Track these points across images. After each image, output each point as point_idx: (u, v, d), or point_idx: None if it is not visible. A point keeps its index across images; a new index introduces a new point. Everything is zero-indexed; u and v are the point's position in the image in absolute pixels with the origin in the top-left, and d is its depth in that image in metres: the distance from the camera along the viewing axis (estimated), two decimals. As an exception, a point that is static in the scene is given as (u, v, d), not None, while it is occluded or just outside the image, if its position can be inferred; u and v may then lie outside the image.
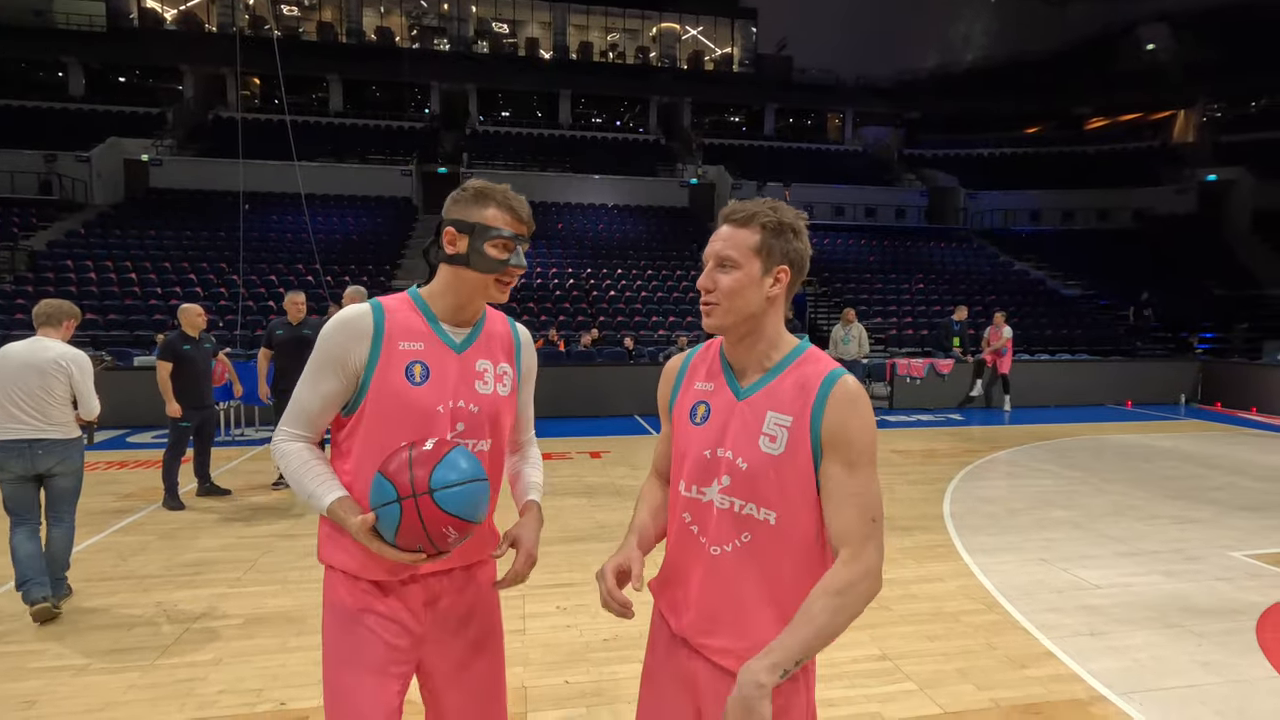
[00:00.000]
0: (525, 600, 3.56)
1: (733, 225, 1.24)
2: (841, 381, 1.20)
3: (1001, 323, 10.56)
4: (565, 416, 9.67)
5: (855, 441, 1.17)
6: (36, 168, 19.04)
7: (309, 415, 1.41)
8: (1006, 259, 21.00)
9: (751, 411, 1.23)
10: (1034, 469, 6.72)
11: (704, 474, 1.26)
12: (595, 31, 29.71)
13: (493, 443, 1.47)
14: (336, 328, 1.38)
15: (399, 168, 22.09)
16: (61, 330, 3.40)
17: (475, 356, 1.46)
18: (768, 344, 1.26)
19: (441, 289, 1.46)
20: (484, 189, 1.44)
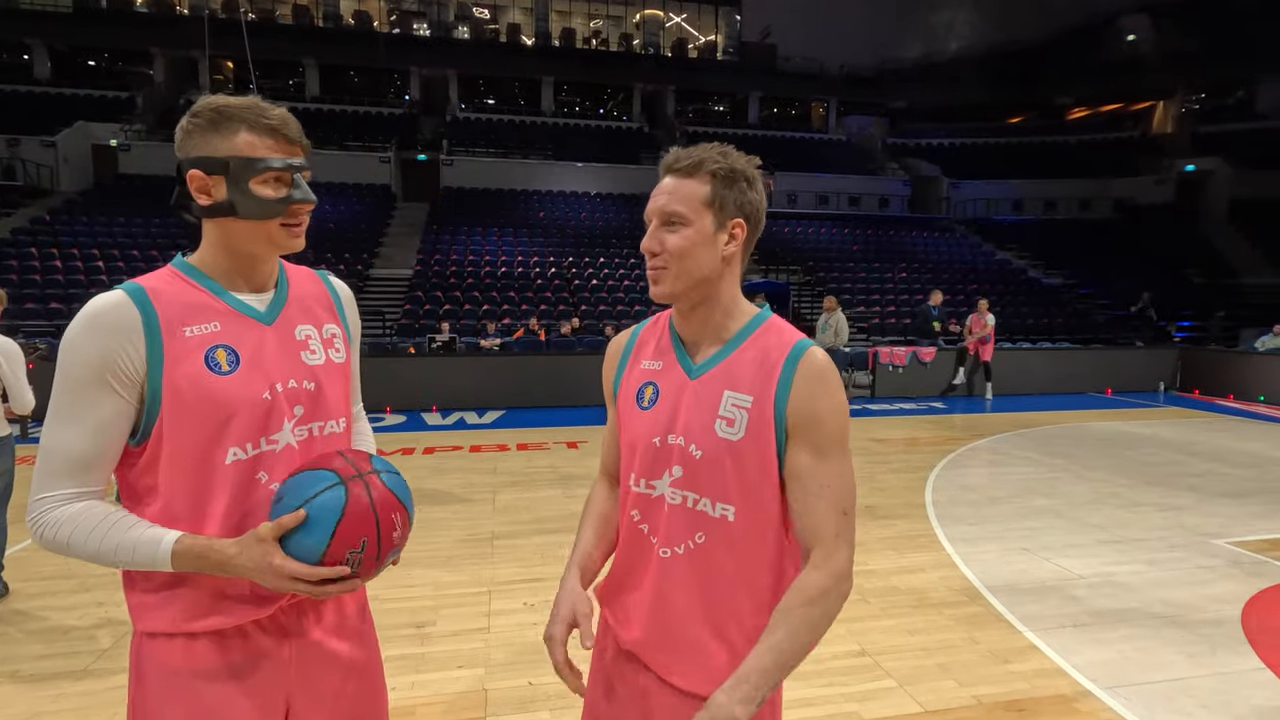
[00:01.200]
0: (491, 596, 3.41)
1: (677, 176, 1.07)
2: (809, 355, 1.05)
3: (985, 310, 10.51)
4: (544, 407, 9.51)
5: (826, 423, 1.02)
6: (0, 153, 18.43)
7: (81, 462, 1.02)
8: (989, 248, 21.04)
9: (705, 391, 1.07)
10: (1016, 457, 6.66)
11: (654, 465, 1.10)
12: (578, 18, 29.30)
13: (345, 420, 1.22)
14: (86, 331, 1.01)
15: (377, 154, 21.66)
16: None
17: (291, 323, 1.17)
18: (723, 313, 1.10)
19: (213, 251, 1.12)
20: (224, 107, 1.06)
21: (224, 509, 1.07)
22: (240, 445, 1.07)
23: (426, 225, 18.83)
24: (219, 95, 1.09)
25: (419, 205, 20.54)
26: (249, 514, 1.09)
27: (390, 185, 21.32)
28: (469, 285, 14.98)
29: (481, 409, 9.32)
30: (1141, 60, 28.09)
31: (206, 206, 1.08)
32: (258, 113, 1.07)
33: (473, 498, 5.13)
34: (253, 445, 1.08)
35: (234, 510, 1.08)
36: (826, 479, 1.02)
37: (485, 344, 11.29)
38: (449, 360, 10.26)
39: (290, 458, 1.12)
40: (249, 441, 1.08)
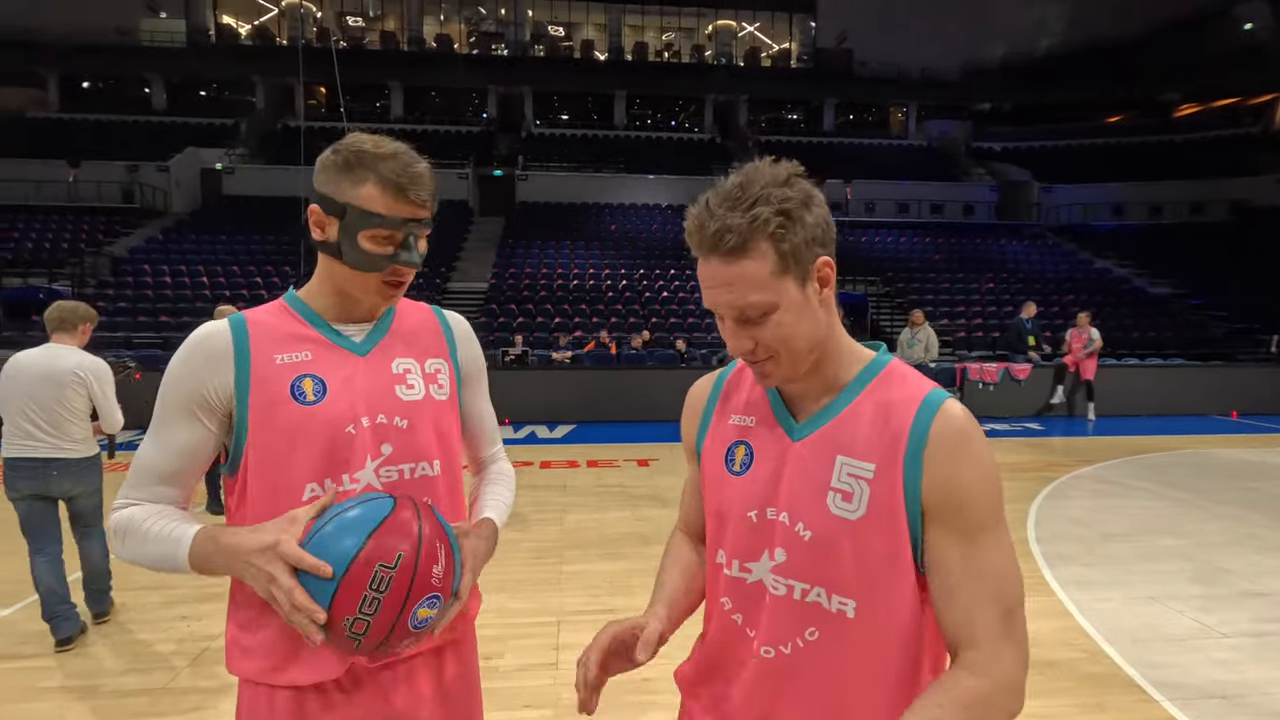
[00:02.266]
0: (560, 628, 3.27)
1: (725, 259, 0.81)
2: (944, 413, 0.83)
3: (1085, 324, 9.74)
4: (614, 421, 9.41)
5: (974, 500, 0.81)
6: (120, 178, 20.06)
7: (158, 476, 1.03)
8: (1086, 256, 19.69)
9: (813, 456, 0.87)
10: (1129, 487, 6.04)
11: (749, 544, 0.90)
12: (650, 32, 29.46)
13: (442, 463, 1.12)
14: (184, 354, 1.04)
15: (456, 171, 22.36)
16: (77, 335, 3.11)
17: (389, 355, 1.11)
18: (835, 363, 0.90)
19: (319, 282, 1.10)
20: (361, 151, 1.02)
21: None
22: (318, 480, 1.02)
23: (501, 239, 19.24)
24: (368, 136, 1.05)
25: (495, 220, 21.04)
26: None
27: (468, 201, 21.95)
28: (542, 298, 15.15)
29: (552, 423, 9.31)
30: (1261, 50, 25.75)
31: (319, 242, 1.07)
32: (391, 167, 1.02)
33: (541, 518, 5.04)
34: (332, 482, 1.02)
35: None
36: (980, 567, 0.81)
37: (557, 356, 11.33)
38: (521, 373, 10.33)
39: None
40: (327, 476, 1.02)
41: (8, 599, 3.59)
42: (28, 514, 3.03)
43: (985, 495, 0.82)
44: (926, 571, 0.83)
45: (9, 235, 17.25)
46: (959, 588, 0.80)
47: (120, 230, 18.44)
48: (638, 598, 3.62)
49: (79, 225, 18.12)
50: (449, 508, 1.13)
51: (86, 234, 17.68)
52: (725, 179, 0.84)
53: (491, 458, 1.29)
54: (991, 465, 0.83)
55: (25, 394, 2.97)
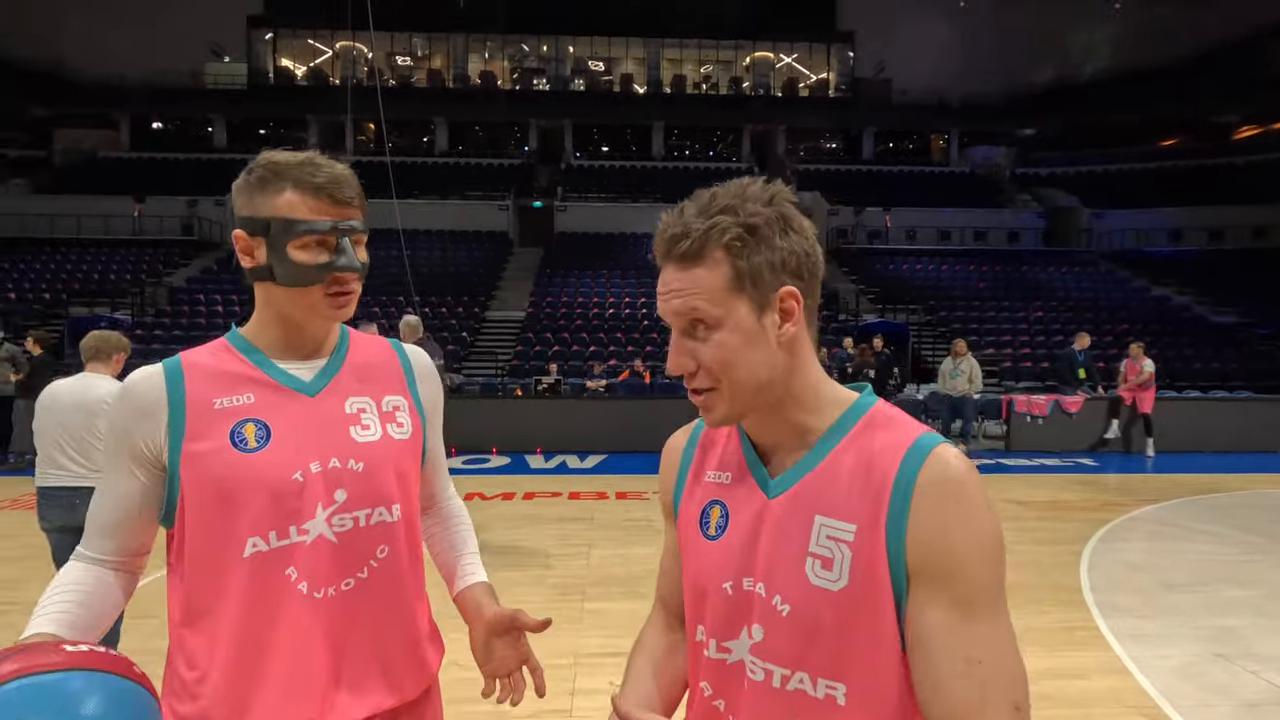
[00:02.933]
0: (576, 671, 3.16)
1: (681, 264, 0.75)
2: (934, 459, 0.71)
3: (1140, 355, 9.29)
4: (645, 451, 9.29)
5: (967, 566, 0.69)
6: (181, 212, 21.09)
7: (104, 526, 0.98)
8: (1141, 283, 18.95)
9: (790, 516, 0.76)
10: (1192, 530, 5.65)
11: (727, 620, 0.79)
12: (688, 65, 29.90)
13: (402, 507, 1.04)
14: (115, 406, 0.98)
15: (497, 203, 22.87)
16: (111, 365, 3.13)
17: (341, 394, 1.02)
18: (802, 408, 0.79)
19: (260, 318, 1.03)
20: (274, 164, 0.96)
21: (241, 610, 0.93)
22: (261, 534, 0.94)
23: (540, 269, 19.51)
24: (277, 151, 1.01)
25: (534, 250, 21.38)
26: (274, 620, 0.94)
27: (508, 231, 22.38)
28: (578, 327, 15.24)
29: (584, 453, 9.25)
30: (1326, 70, 24.75)
31: (249, 269, 0.99)
32: (306, 170, 0.97)
33: (567, 551, 4.95)
34: (277, 535, 0.95)
35: (256, 613, 0.93)
36: (975, 649, 0.68)
37: (591, 385, 11.31)
38: (554, 402, 10.33)
39: (326, 553, 0.96)
40: (272, 529, 0.94)
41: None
42: (58, 545, 3.06)
43: (982, 562, 0.70)
44: (908, 649, 0.72)
45: (78, 267, 18.24)
46: (946, 670, 0.68)
47: (179, 262, 19.33)
48: (660, 640, 3.49)
49: (141, 257, 19.06)
50: (408, 553, 1.06)
51: (148, 265, 18.57)
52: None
53: (444, 494, 1.22)
54: (991, 526, 0.71)
55: (59, 424, 3.01)
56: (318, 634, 0.95)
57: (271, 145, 19.73)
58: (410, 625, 1.05)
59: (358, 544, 0.99)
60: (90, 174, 23.46)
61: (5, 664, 0.68)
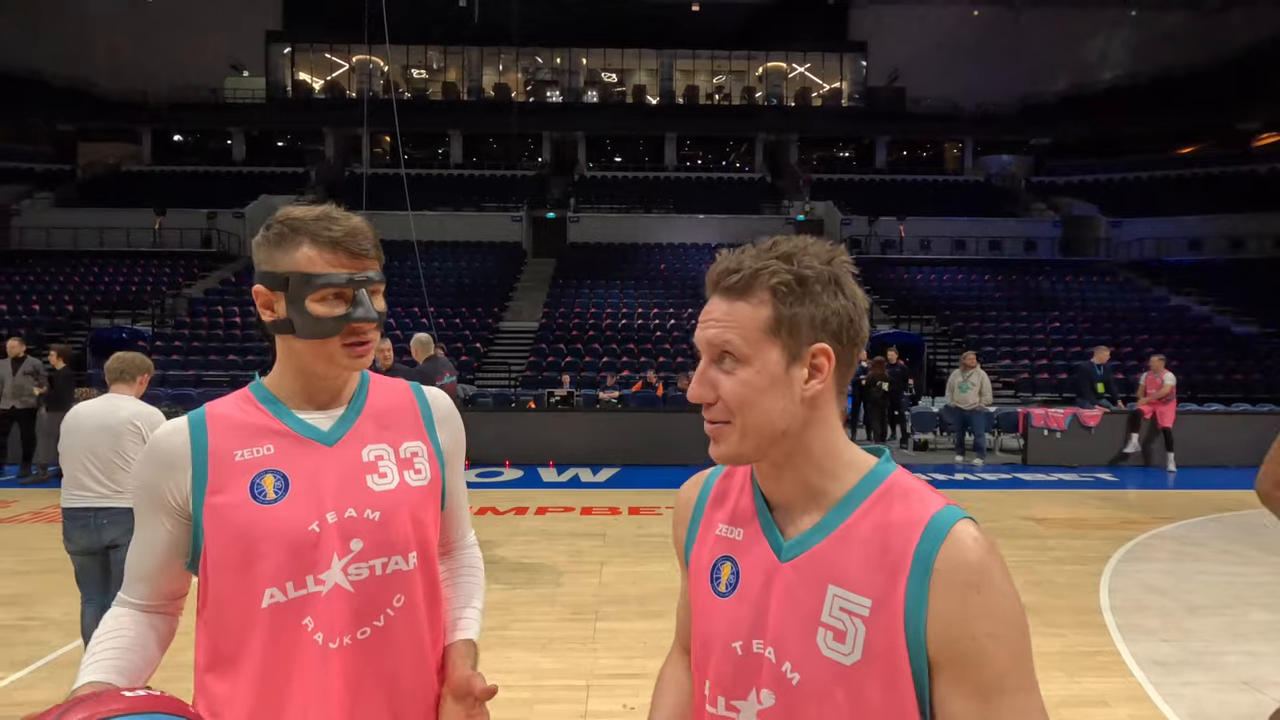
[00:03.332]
0: (589, 692, 3.15)
1: (727, 296, 0.77)
2: (952, 540, 0.70)
3: (1160, 367, 9.15)
4: (658, 464, 9.27)
5: (991, 655, 0.68)
6: (200, 224, 21.42)
7: (140, 572, 1.02)
8: (1161, 292, 18.72)
9: (802, 583, 0.76)
10: (1217, 550, 5.54)
11: (735, 680, 0.79)
12: (701, 75, 30.03)
13: (419, 554, 1.04)
14: (144, 459, 1.02)
15: (510, 214, 23.03)
16: (135, 386, 3.21)
17: (359, 443, 1.04)
18: (817, 471, 0.78)
19: (281, 369, 1.05)
20: (291, 220, 1.00)
21: (261, 659, 0.95)
22: (279, 585, 0.96)
23: (553, 279, 19.59)
24: (295, 207, 1.05)
25: (547, 260, 21.49)
26: (291, 670, 0.95)
27: (521, 242, 22.52)
28: (590, 338, 15.27)
29: (596, 465, 9.24)
30: (1350, 76, 24.38)
31: (270, 323, 1.03)
32: (322, 225, 1.00)
33: (579, 569, 4.94)
34: (295, 585, 0.96)
35: (274, 663, 0.95)
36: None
37: (604, 396, 11.32)
38: (567, 414, 10.34)
39: (342, 603, 0.97)
40: (289, 580, 0.96)
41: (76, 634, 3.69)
42: (81, 567, 3.12)
43: (1006, 649, 0.68)
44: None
45: (100, 279, 18.56)
46: None
47: (198, 273, 19.63)
48: (673, 661, 3.46)
49: (161, 269, 19.37)
50: (426, 602, 1.06)
51: (168, 277, 18.87)
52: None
53: (462, 541, 1.23)
54: (1013, 611, 0.70)
55: (84, 446, 3.06)
56: (333, 684, 0.96)
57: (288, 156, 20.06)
58: (427, 673, 1.05)
59: (374, 593, 1.00)
60: (113, 187, 23.92)
61: (73, 713, 0.71)
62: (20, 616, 4.04)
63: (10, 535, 5.76)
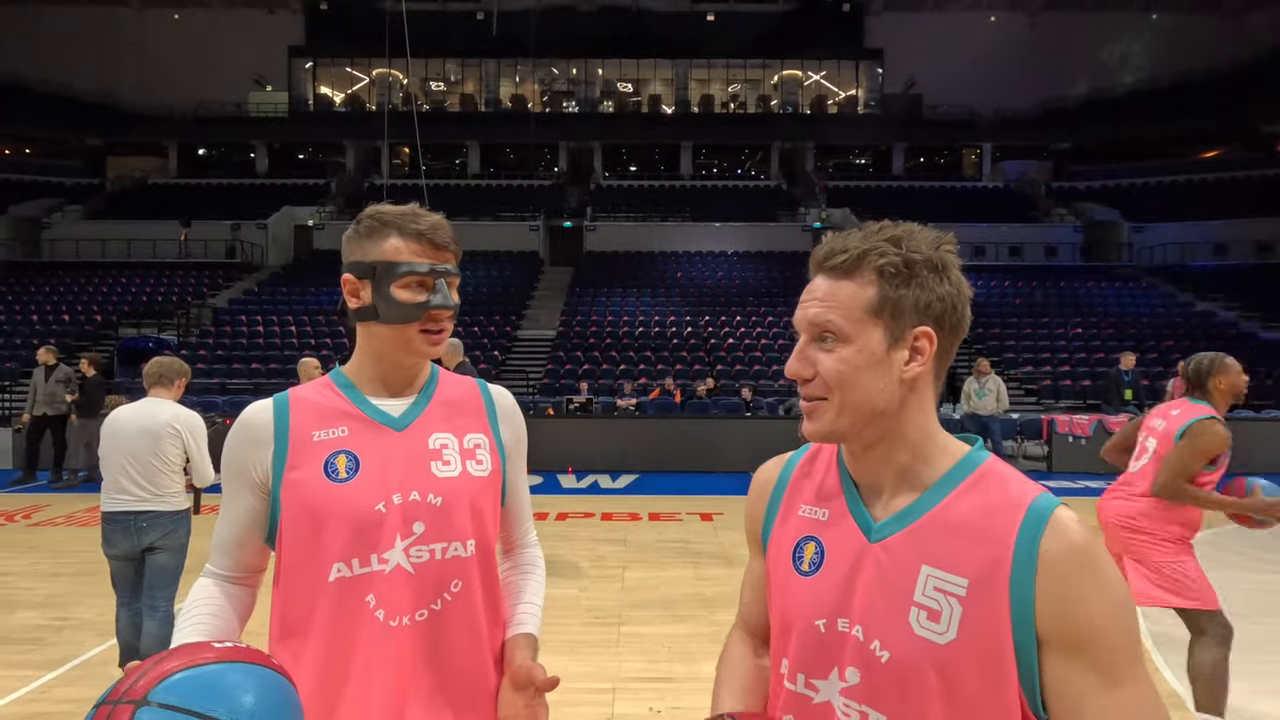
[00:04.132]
0: (615, 695, 3.15)
1: (832, 275, 0.79)
2: (1056, 523, 0.71)
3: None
4: (677, 471, 9.27)
5: (1107, 633, 0.69)
6: (225, 236, 21.82)
7: (225, 544, 1.09)
8: (1186, 298, 18.42)
9: (894, 563, 0.76)
10: (1251, 558, 5.44)
11: (817, 658, 0.79)
12: (716, 84, 30.15)
13: (477, 543, 1.08)
14: (232, 434, 1.09)
15: (527, 223, 23.21)
16: (173, 390, 3.23)
17: (426, 430, 1.09)
18: (912, 454, 0.79)
19: (360, 357, 1.12)
20: (380, 215, 1.08)
21: (326, 632, 0.99)
22: (345, 560, 1.01)
23: (570, 288, 19.69)
24: (384, 205, 1.12)
25: (564, 269, 21.62)
26: (353, 645, 0.99)
27: (538, 251, 22.67)
28: (608, 345, 15.31)
29: (615, 472, 9.25)
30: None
31: (355, 310, 1.09)
32: (409, 219, 1.08)
33: (601, 573, 4.95)
34: (360, 562, 1.01)
35: (338, 636, 0.99)
36: (1122, 713, 0.69)
37: (621, 403, 11.35)
38: (585, 421, 10.38)
39: (403, 583, 1.01)
40: (355, 557, 1.01)
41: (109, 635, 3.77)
42: (118, 571, 3.14)
43: (1120, 627, 0.70)
44: (1052, 712, 0.71)
45: (128, 289, 18.94)
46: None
47: (222, 284, 19.96)
48: (697, 664, 3.47)
49: (187, 280, 19.73)
50: (483, 590, 1.09)
51: (193, 288, 19.21)
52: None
53: (524, 539, 1.26)
54: (1123, 590, 0.71)
55: (124, 450, 3.06)
56: (391, 661, 1.00)
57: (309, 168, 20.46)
58: (481, 659, 1.08)
59: (433, 576, 1.03)
60: (140, 200, 24.44)
61: (168, 661, 0.77)
62: (55, 617, 4.12)
63: (45, 538, 5.88)
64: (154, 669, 0.75)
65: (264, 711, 0.74)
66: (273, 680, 0.79)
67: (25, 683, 3.28)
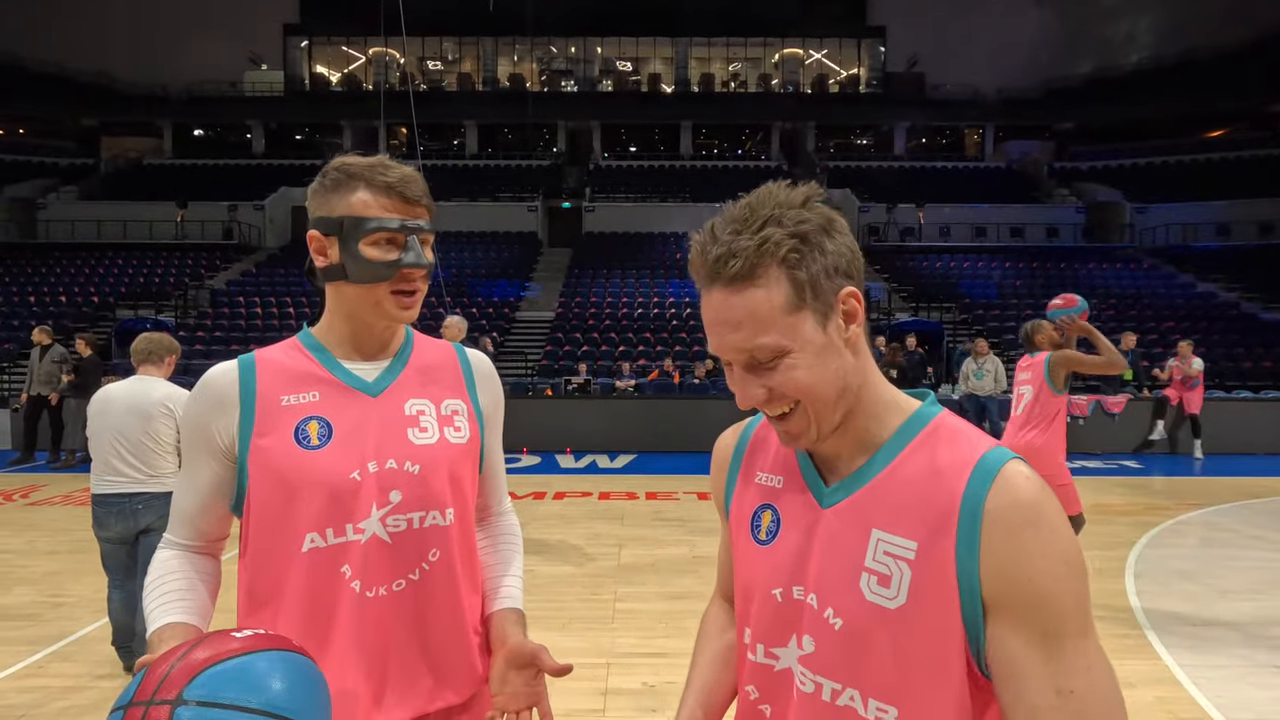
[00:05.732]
0: (609, 670, 3.16)
1: (730, 288, 0.70)
2: (1004, 478, 0.67)
3: (1188, 353, 8.97)
4: (675, 451, 9.27)
5: (1053, 595, 0.65)
6: (221, 217, 21.66)
7: (186, 513, 1.03)
8: (1187, 278, 18.35)
9: (844, 529, 0.73)
10: (1245, 536, 5.44)
11: (775, 626, 0.77)
12: (717, 63, 29.78)
13: (456, 511, 1.04)
14: (193, 398, 1.02)
15: (526, 204, 23.04)
16: (163, 368, 3.13)
17: (402, 396, 1.04)
18: (865, 414, 0.75)
19: (330, 318, 1.05)
20: (347, 166, 1.00)
21: (300, 604, 0.96)
22: (319, 530, 0.96)
23: (569, 269, 19.59)
24: (349, 156, 1.04)
25: (563, 250, 21.50)
26: (330, 616, 0.96)
27: (537, 232, 22.53)
28: (606, 327, 15.27)
29: (613, 452, 9.26)
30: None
31: (322, 269, 1.02)
32: (377, 171, 1.00)
33: (598, 552, 4.95)
34: (334, 532, 0.97)
35: (313, 608, 0.96)
36: (1065, 679, 0.64)
37: (620, 385, 11.33)
38: (584, 402, 10.36)
39: (379, 552, 0.98)
40: (329, 527, 0.97)
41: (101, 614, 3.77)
42: (109, 554, 3.07)
43: (1066, 589, 0.65)
44: (995, 682, 0.68)
45: (124, 271, 18.85)
46: (1038, 707, 0.64)
47: (220, 265, 19.85)
48: (691, 640, 3.46)
49: (184, 261, 19.61)
50: (461, 559, 1.06)
51: (190, 269, 19.11)
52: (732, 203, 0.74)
53: (499, 507, 1.21)
54: (1071, 550, 0.66)
55: (114, 428, 2.98)
56: (369, 632, 0.97)
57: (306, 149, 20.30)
58: (460, 629, 1.05)
59: (410, 545, 1.00)
60: (135, 181, 24.24)
61: (197, 652, 0.75)
62: (51, 595, 4.14)
63: (43, 517, 5.90)
64: (182, 664, 0.73)
65: (296, 697, 0.74)
66: (300, 664, 0.78)
67: (21, 658, 3.29)
